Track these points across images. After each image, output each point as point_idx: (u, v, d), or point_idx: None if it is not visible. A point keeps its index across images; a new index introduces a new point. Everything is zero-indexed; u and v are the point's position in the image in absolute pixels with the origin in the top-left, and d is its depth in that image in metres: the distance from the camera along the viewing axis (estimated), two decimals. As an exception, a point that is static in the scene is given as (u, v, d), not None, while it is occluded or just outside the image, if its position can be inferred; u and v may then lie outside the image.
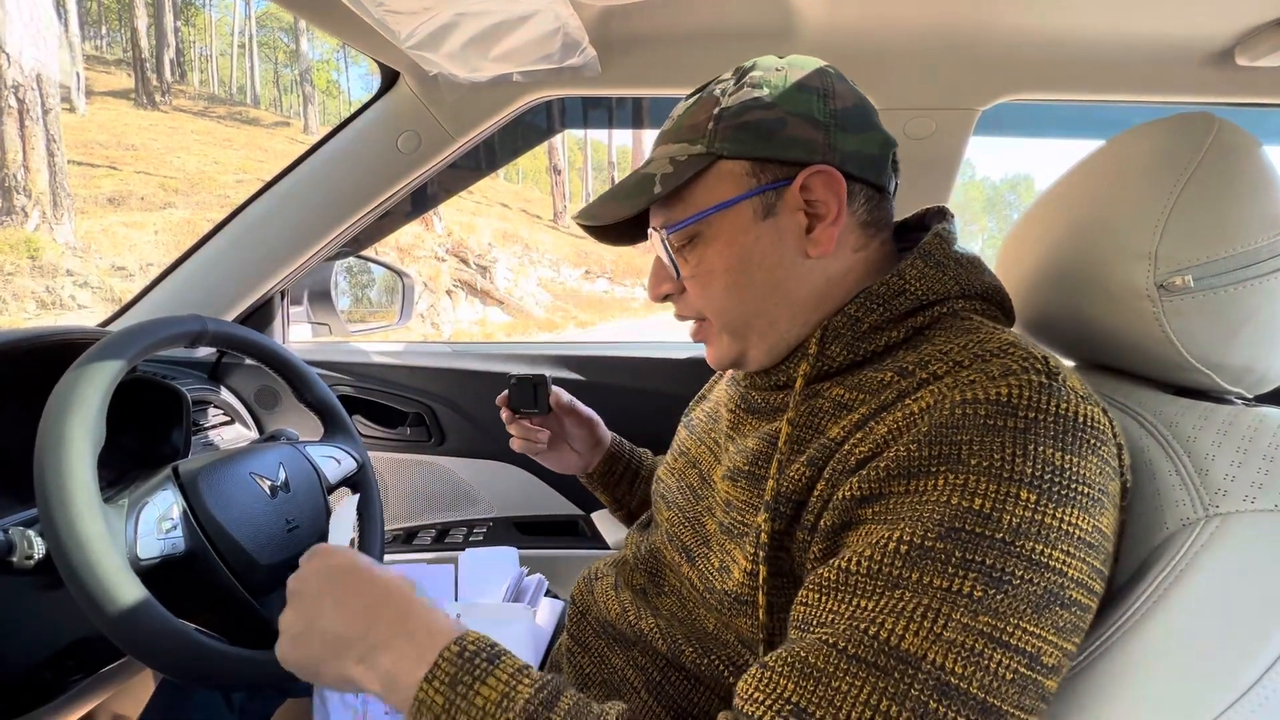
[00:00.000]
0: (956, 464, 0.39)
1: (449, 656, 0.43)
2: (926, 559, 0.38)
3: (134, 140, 14.02)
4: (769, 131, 0.51)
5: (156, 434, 0.90)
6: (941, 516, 0.38)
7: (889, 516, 0.40)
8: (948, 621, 0.36)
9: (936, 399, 0.42)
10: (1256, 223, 0.46)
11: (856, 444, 0.45)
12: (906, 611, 0.37)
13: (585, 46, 0.87)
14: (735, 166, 0.52)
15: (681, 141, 0.54)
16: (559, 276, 13.93)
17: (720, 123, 0.52)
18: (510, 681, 0.42)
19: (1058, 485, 0.38)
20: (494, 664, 0.43)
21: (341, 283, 1.40)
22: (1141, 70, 0.89)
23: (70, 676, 0.71)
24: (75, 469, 0.56)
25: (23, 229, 8.33)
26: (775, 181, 0.52)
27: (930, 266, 0.51)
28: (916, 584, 0.37)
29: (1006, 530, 0.37)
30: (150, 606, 0.56)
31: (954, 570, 0.37)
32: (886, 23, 0.86)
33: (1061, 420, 0.40)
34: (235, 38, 28.89)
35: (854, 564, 0.40)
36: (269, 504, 0.72)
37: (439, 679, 0.42)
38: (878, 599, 0.38)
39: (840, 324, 0.51)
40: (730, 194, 0.52)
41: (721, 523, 0.54)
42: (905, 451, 0.41)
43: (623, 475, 0.84)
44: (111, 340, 0.65)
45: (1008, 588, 0.36)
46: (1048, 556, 0.37)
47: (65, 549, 0.54)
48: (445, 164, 1.07)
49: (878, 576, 0.39)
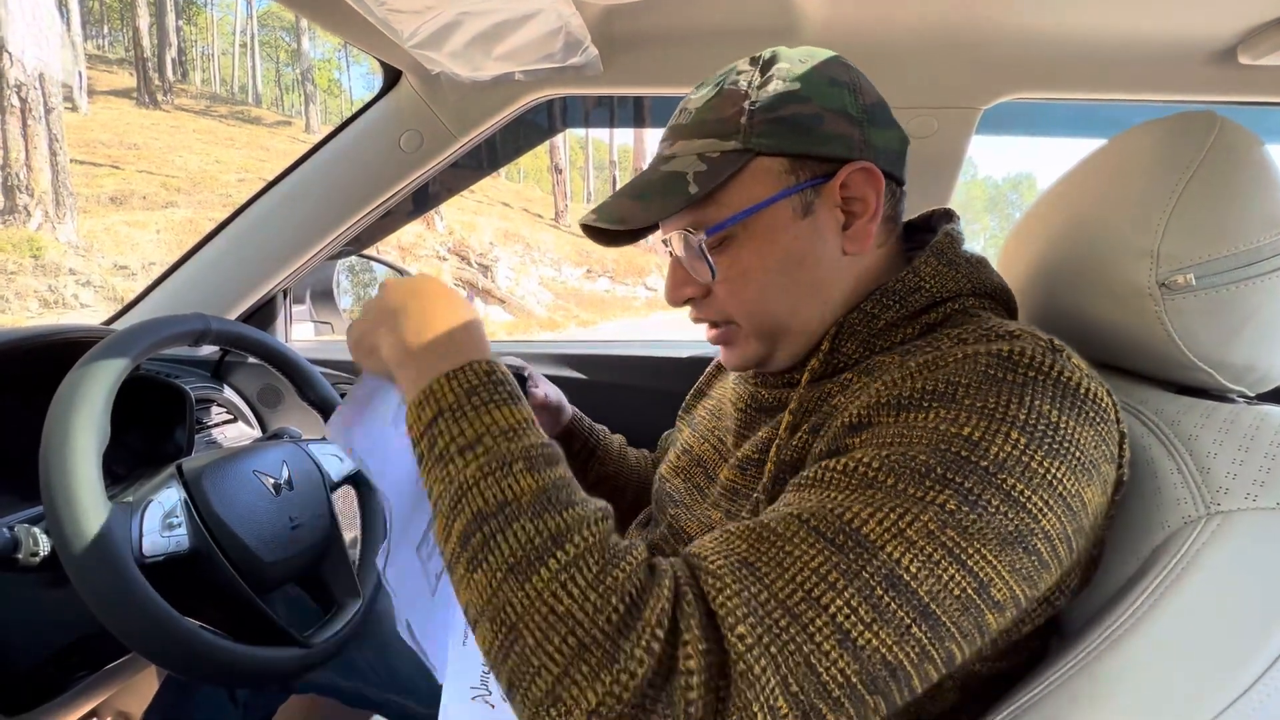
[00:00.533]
0: (950, 401, 0.39)
1: (477, 370, 0.43)
2: (906, 468, 0.38)
3: (136, 139, 14.04)
4: (807, 127, 0.50)
5: (160, 432, 0.91)
6: (929, 439, 0.38)
7: (875, 440, 0.40)
8: (914, 521, 0.36)
9: (936, 354, 0.43)
10: (1258, 221, 0.46)
11: (855, 397, 0.45)
12: (876, 503, 0.37)
13: (587, 45, 0.87)
14: (773, 164, 0.50)
15: (709, 137, 0.52)
16: (560, 276, 13.93)
17: (754, 117, 0.50)
18: (524, 422, 0.41)
19: (1049, 438, 0.38)
20: (515, 401, 0.43)
21: (344, 281, 1.40)
22: (1144, 69, 0.89)
23: (75, 673, 0.72)
24: (80, 467, 0.57)
25: (25, 228, 8.35)
26: (814, 179, 0.51)
27: (943, 264, 0.51)
28: (892, 488, 0.37)
29: (991, 461, 0.37)
30: (155, 604, 0.56)
31: (931, 483, 0.37)
32: (888, 21, 0.86)
33: (1062, 385, 0.40)
34: (237, 37, 28.91)
35: (835, 466, 0.40)
36: (272, 502, 0.72)
37: (458, 381, 0.42)
38: (850, 492, 0.38)
39: (856, 320, 0.51)
40: (768, 192, 0.51)
41: (727, 511, 0.54)
42: (897, 388, 0.42)
43: (578, 453, 0.81)
44: (116, 339, 0.65)
45: (980, 512, 0.36)
46: (1025, 498, 0.37)
47: (71, 546, 0.55)
48: (447, 163, 1.07)
49: (853, 474, 0.39)
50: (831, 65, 0.52)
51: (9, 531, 0.57)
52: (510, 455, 0.39)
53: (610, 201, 0.55)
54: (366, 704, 0.79)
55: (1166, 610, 0.41)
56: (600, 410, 0.88)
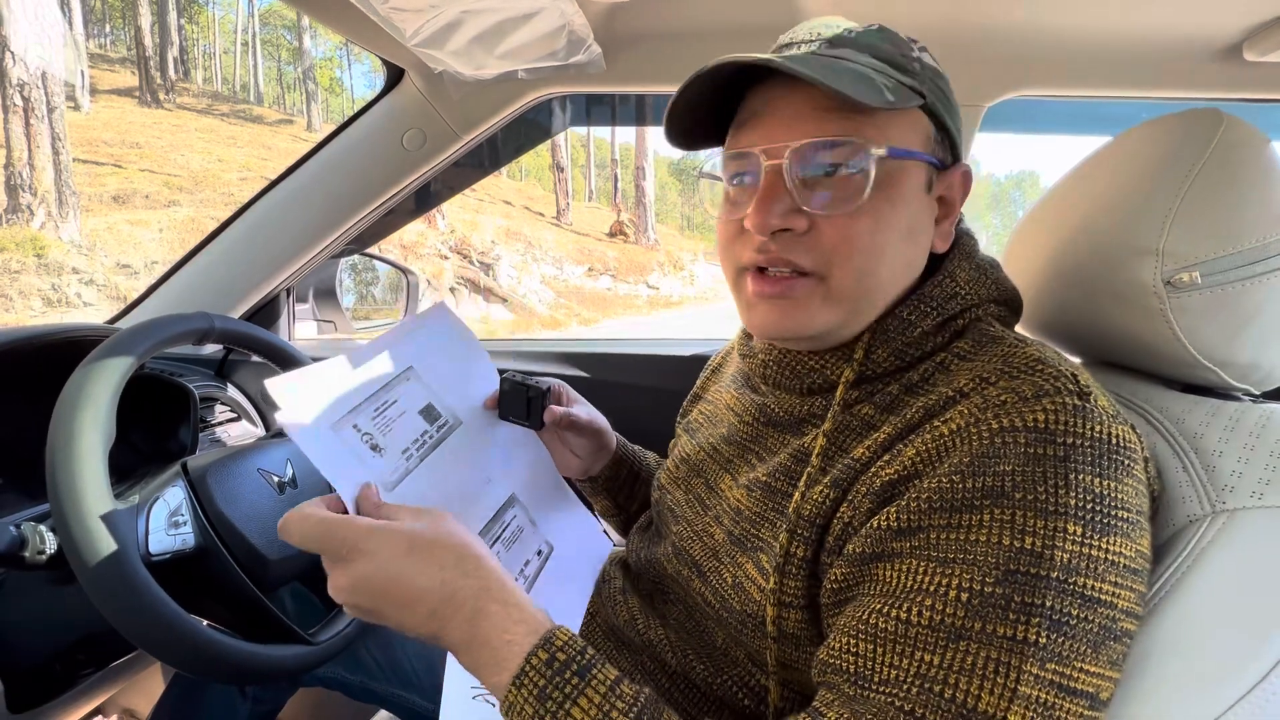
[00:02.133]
0: (1001, 497, 0.38)
1: (536, 666, 0.40)
2: (988, 606, 0.37)
3: (138, 138, 14.06)
4: (953, 108, 0.49)
5: (164, 431, 0.91)
6: (995, 559, 0.37)
7: (934, 554, 0.39)
8: (1020, 674, 0.35)
9: (968, 421, 0.41)
10: (1264, 219, 0.46)
11: (883, 466, 0.43)
12: (978, 668, 0.36)
13: (590, 43, 0.87)
14: (928, 125, 0.48)
15: (886, 62, 0.47)
16: (562, 274, 13.93)
17: (925, 70, 0.48)
18: (604, 703, 0.39)
19: (1100, 514, 0.38)
20: (585, 679, 0.40)
21: (346, 280, 1.41)
22: (1148, 66, 0.89)
23: (81, 670, 0.72)
24: (86, 465, 0.57)
25: (28, 227, 8.36)
26: (941, 161, 0.49)
27: (974, 269, 0.51)
28: (980, 633, 0.36)
29: (1059, 568, 0.37)
30: (161, 602, 0.57)
31: (1015, 616, 0.36)
32: (891, 18, 0.86)
33: (1098, 445, 0.39)
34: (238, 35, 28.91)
35: (912, 614, 0.38)
36: (277, 500, 0.72)
37: (527, 689, 0.40)
38: (943, 653, 0.37)
39: (892, 327, 0.49)
40: (919, 147, 0.48)
41: (730, 532, 0.53)
42: (946, 483, 0.40)
43: (626, 479, 0.78)
44: (121, 338, 0.65)
45: (1067, 629, 0.36)
46: (1099, 590, 0.37)
47: (77, 544, 0.55)
48: (450, 161, 1.07)
49: (939, 628, 0.37)
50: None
51: (16, 530, 0.58)
52: None
53: (769, 58, 0.44)
54: (372, 698, 0.80)
55: (1172, 608, 0.41)
56: (603, 408, 0.88)
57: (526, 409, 0.65)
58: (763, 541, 0.49)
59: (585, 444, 0.73)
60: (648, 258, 16.09)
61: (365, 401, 0.52)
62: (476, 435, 0.63)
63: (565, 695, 0.39)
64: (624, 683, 0.41)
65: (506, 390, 0.65)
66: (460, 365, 0.64)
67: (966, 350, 0.47)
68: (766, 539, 0.49)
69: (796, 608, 0.46)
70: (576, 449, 0.72)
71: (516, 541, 0.61)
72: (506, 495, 0.63)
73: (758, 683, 0.51)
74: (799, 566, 0.46)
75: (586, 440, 0.73)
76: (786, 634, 0.47)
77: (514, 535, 0.61)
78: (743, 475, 0.55)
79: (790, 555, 0.46)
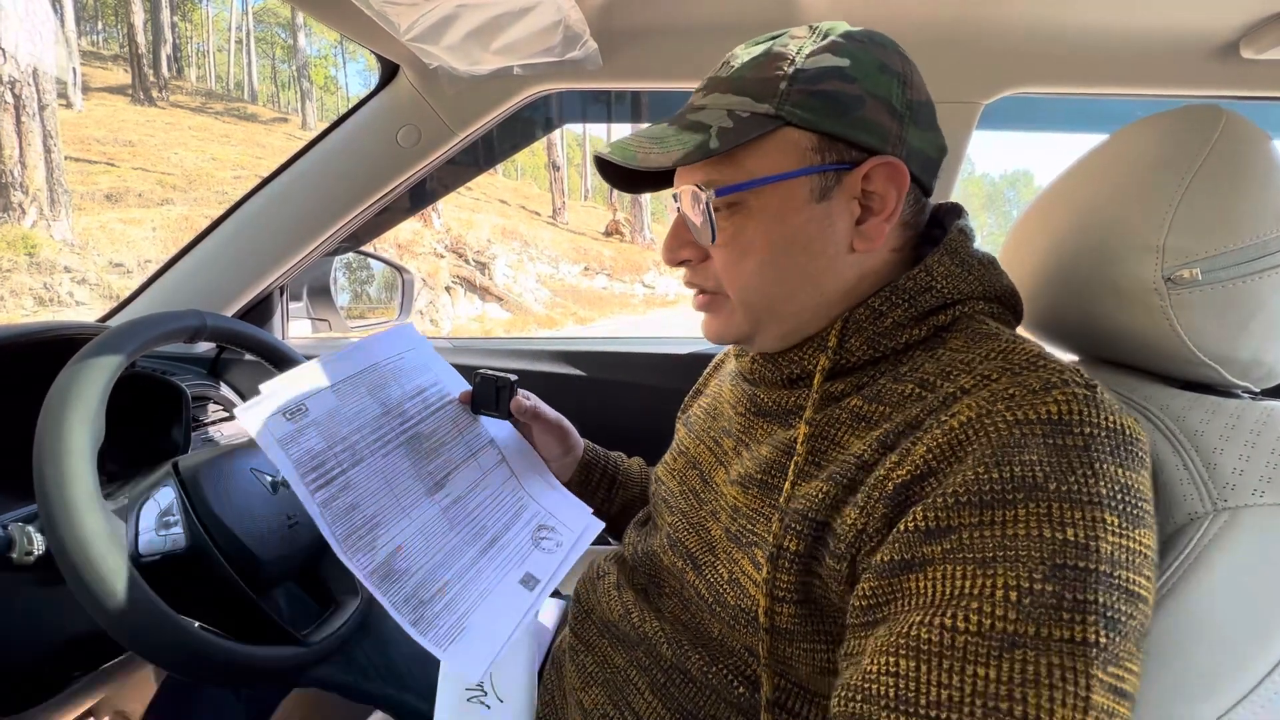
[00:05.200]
0: (1034, 490, 0.37)
1: None
2: (1039, 607, 0.34)
3: (131, 136, 13.97)
4: (845, 108, 0.47)
5: (156, 430, 0.90)
6: (1040, 553, 0.35)
7: (971, 554, 0.37)
8: (1090, 680, 0.33)
9: (979, 413, 0.40)
10: (1265, 216, 0.46)
11: (894, 467, 0.42)
12: (1043, 678, 0.33)
13: (586, 39, 0.86)
14: (801, 137, 0.48)
15: (743, 95, 0.49)
16: (558, 273, 13.91)
17: (794, 85, 0.47)
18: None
19: (1129, 505, 0.37)
20: None
21: (341, 278, 1.40)
22: (1146, 63, 0.89)
23: (71, 672, 0.71)
24: (75, 465, 0.56)
25: (20, 225, 8.30)
26: (839, 163, 0.48)
27: (956, 265, 0.50)
28: (1036, 639, 0.34)
29: (1105, 560, 0.35)
30: (152, 603, 0.56)
31: (1070, 616, 0.34)
32: (889, 15, 0.86)
33: (1114, 435, 0.38)
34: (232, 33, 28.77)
35: (959, 619, 0.35)
36: (269, 500, 0.72)
37: None
38: (999, 664, 0.34)
39: (863, 317, 0.50)
40: (789, 166, 0.48)
41: (728, 529, 0.53)
42: (971, 476, 0.38)
43: (599, 483, 0.80)
44: (111, 335, 0.64)
45: (1120, 627, 0.34)
46: (1139, 585, 0.36)
47: (66, 546, 0.54)
48: (445, 158, 1.06)
49: (991, 635, 0.34)
50: (888, 52, 0.50)
51: (3, 530, 0.57)
52: None
53: (629, 139, 0.52)
54: (366, 699, 0.79)
55: (1173, 607, 0.41)
56: (598, 407, 0.87)
57: (495, 400, 0.71)
58: (758, 537, 0.50)
59: (552, 443, 0.76)
60: (643, 257, 16.09)
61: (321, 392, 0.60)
62: (449, 432, 0.69)
63: None
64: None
65: (478, 383, 0.71)
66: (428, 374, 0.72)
67: (959, 346, 0.47)
68: (762, 534, 0.49)
69: (789, 602, 0.46)
70: (543, 449, 0.76)
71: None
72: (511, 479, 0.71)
73: (753, 672, 0.51)
74: (791, 560, 0.46)
75: (553, 439, 0.76)
76: (779, 629, 0.47)
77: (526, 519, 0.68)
78: (735, 468, 0.56)
79: (784, 549, 0.46)
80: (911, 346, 0.49)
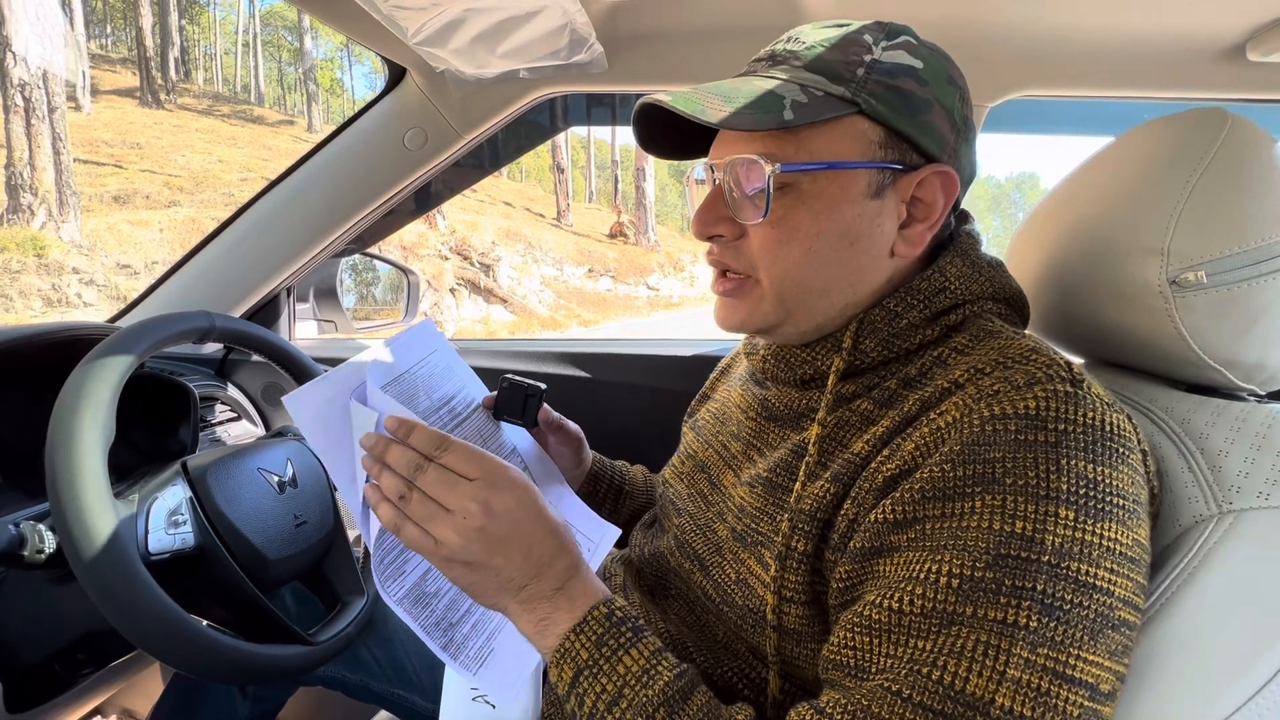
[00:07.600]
0: (991, 484, 0.39)
1: (598, 616, 0.45)
2: (978, 590, 0.37)
3: (139, 139, 14.07)
4: (916, 108, 0.47)
5: (164, 430, 0.91)
6: (986, 543, 0.38)
7: (927, 543, 0.39)
8: (1009, 658, 0.36)
9: (962, 412, 0.42)
10: (1270, 219, 0.46)
11: (884, 461, 0.44)
12: (967, 650, 0.36)
13: (592, 43, 0.87)
14: (870, 129, 0.47)
15: (820, 74, 0.48)
16: (562, 275, 13.93)
17: (872, 74, 0.47)
18: (652, 659, 0.44)
19: (1094, 500, 0.38)
20: (638, 636, 0.45)
21: (347, 280, 1.40)
22: (1152, 66, 0.89)
23: (80, 670, 0.72)
24: (86, 464, 0.57)
25: (29, 227, 8.37)
26: (899, 163, 0.48)
27: (967, 266, 0.51)
28: (971, 618, 0.37)
29: (1051, 552, 0.37)
30: (161, 601, 0.56)
31: (1005, 600, 0.36)
32: (892, 17, 0.86)
33: (1091, 431, 0.39)
34: (239, 36, 28.95)
35: (904, 603, 0.39)
36: (277, 500, 0.72)
37: (586, 635, 0.44)
38: (935, 638, 0.37)
39: (878, 318, 0.50)
40: (854, 155, 0.47)
41: (734, 529, 0.53)
42: (938, 472, 0.40)
43: (606, 494, 0.80)
44: (121, 336, 0.65)
45: (1059, 614, 0.36)
46: (1094, 576, 0.37)
47: (77, 543, 0.55)
48: (451, 161, 1.06)
49: (931, 615, 0.38)
50: (951, 64, 0.51)
51: (15, 528, 0.57)
52: (651, 704, 0.42)
53: (692, 92, 0.48)
54: (372, 698, 0.79)
55: (1178, 610, 0.41)
56: (603, 409, 0.88)
57: (523, 408, 0.68)
58: (765, 536, 0.50)
59: (567, 454, 0.76)
60: (648, 259, 16.10)
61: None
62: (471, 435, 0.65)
63: (619, 644, 0.44)
64: (669, 654, 0.45)
65: (504, 389, 0.68)
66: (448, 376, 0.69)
67: (964, 345, 0.48)
68: (768, 533, 0.50)
69: (798, 603, 0.47)
70: (558, 458, 0.75)
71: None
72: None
73: (758, 674, 0.52)
74: (800, 560, 0.46)
75: (569, 450, 0.75)
76: (787, 629, 0.47)
77: None
78: (745, 472, 0.56)
79: (791, 548, 0.46)
80: (923, 346, 0.49)
